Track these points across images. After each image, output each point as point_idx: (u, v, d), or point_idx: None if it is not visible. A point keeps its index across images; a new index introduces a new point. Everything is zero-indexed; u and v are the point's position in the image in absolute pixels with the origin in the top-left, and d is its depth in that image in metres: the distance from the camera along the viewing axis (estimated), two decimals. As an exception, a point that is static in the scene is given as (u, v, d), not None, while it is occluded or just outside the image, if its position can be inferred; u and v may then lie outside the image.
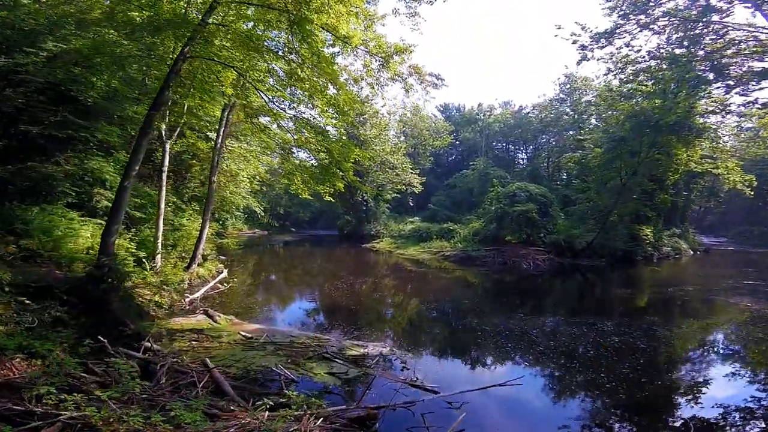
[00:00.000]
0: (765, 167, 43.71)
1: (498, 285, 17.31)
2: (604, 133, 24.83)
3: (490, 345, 8.97)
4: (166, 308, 9.92)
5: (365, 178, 38.04)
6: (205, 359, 6.19)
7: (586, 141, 27.74)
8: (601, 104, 32.28)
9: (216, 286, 13.16)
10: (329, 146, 11.01)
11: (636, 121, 20.43)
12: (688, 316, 11.50)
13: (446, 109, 67.22)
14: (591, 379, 7.04)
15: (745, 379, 7.28)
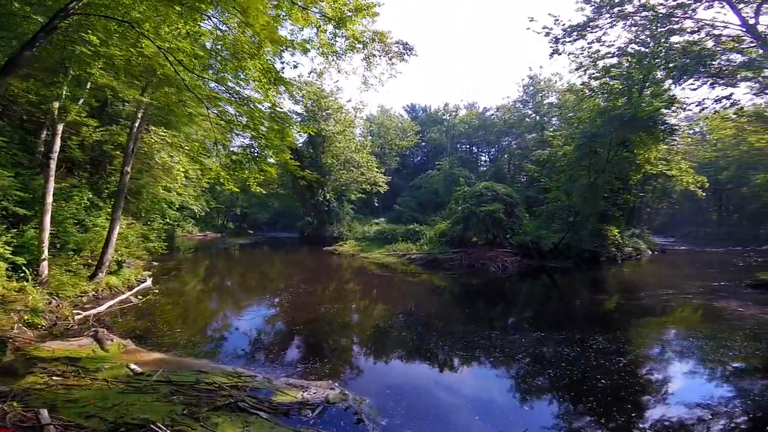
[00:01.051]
0: (709, 170, 45.62)
1: (467, 291, 15.87)
2: (574, 130, 24.21)
3: (471, 379, 7.21)
4: (43, 328, 7.56)
5: (328, 177, 36.01)
6: (41, 410, 4.09)
7: (555, 138, 27.16)
8: (567, 103, 32.20)
9: (129, 299, 10.76)
10: (253, 117, 8.90)
11: (608, 116, 19.83)
12: (686, 325, 10.31)
13: (413, 110, 66.53)
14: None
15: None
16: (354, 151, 38.21)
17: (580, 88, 21.07)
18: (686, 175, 27.91)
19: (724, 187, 52.71)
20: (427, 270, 20.47)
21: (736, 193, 53.46)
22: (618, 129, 19.33)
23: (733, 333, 8.98)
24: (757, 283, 14.39)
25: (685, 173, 27.81)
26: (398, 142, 53.31)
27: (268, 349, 8.30)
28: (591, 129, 21.08)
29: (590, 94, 21.27)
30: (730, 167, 49.14)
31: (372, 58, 9.63)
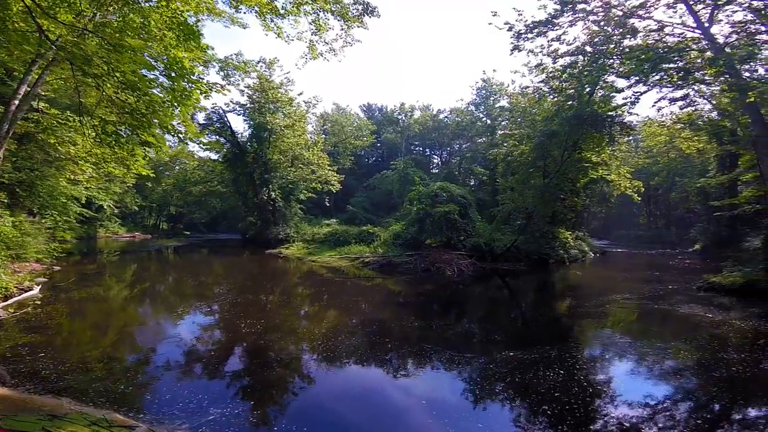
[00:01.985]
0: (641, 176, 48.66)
1: (424, 298, 14.56)
2: (532, 128, 23.95)
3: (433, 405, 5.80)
4: None
5: (274, 174, 33.51)
6: None
7: (512, 138, 26.89)
8: (518, 107, 32.36)
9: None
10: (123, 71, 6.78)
11: (566, 114, 19.60)
12: (661, 337, 9.53)
13: (369, 109, 65.35)
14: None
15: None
16: (304, 148, 36.01)
17: (538, 87, 20.73)
18: (624, 180, 28.86)
19: (654, 192, 56.72)
20: (381, 274, 19.04)
21: (665, 198, 57.73)
22: (574, 127, 19.15)
23: (716, 343, 8.28)
24: (709, 286, 14.44)
25: (623, 178, 28.77)
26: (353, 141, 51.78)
27: (173, 383, 6.23)
28: (550, 127, 20.80)
29: (549, 92, 21.01)
30: (661, 173, 52.72)
31: (322, 17, 7.88)
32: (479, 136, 45.99)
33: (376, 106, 65.72)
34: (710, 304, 11.83)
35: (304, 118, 37.27)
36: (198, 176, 45.97)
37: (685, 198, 49.23)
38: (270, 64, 34.32)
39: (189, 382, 6.26)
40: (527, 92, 33.32)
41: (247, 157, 34.01)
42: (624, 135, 21.01)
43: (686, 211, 52.54)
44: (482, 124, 44.46)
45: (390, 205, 41.42)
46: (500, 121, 41.26)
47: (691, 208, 49.47)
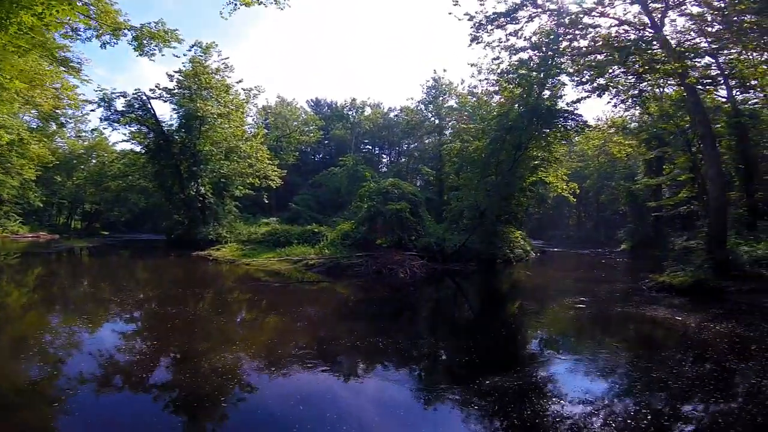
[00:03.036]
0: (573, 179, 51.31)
1: (377, 303, 13.01)
2: (487, 124, 23.34)
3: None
4: None
5: (204, 167, 30.16)
6: None
7: (467, 133, 26.25)
8: (466, 106, 32.15)
9: None
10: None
11: (524, 109, 19.13)
12: (641, 342, 8.79)
13: (317, 105, 62.78)
14: None
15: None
16: (241, 139, 32.95)
17: (497, 80, 20.10)
18: (560, 182, 29.57)
19: (584, 195, 60.33)
20: (328, 277, 17.22)
21: (595, 200, 61.61)
22: (531, 122, 18.74)
23: (713, 352, 7.56)
24: (660, 286, 14.42)
25: (560, 180, 29.49)
26: (298, 136, 49.19)
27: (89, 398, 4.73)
28: (507, 121, 20.24)
29: (505, 87, 20.47)
30: (592, 177, 56.02)
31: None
32: (428, 135, 45.71)
33: (324, 102, 63.35)
34: (672, 306, 11.51)
35: (243, 107, 34.19)
36: (117, 169, 40.80)
37: (613, 200, 52.73)
38: (206, 48, 31.00)
39: (109, 397, 5.30)
40: (476, 92, 33.45)
41: (174, 147, 30.31)
42: (579, 132, 21.13)
43: (613, 213, 56.40)
44: (431, 124, 44.17)
45: (337, 204, 39.47)
46: (448, 120, 41.16)
47: (617, 210, 53.10)
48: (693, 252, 21.47)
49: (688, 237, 29.01)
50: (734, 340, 7.93)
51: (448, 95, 41.55)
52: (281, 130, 48.47)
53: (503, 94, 20.85)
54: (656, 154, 27.56)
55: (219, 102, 31.35)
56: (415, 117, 46.03)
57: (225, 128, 31.56)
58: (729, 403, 5.33)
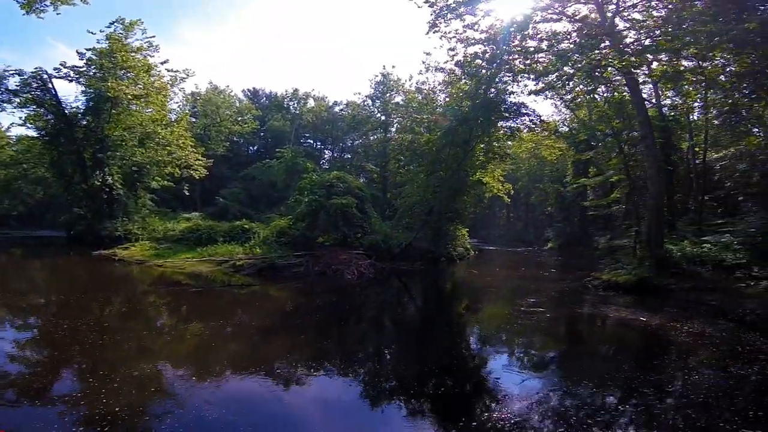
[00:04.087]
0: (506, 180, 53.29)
1: (320, 310, 11.22)
2: (442, 112, 22.33)
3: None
4: None
5: (113, 153, 25.89)
6: None
7: (418, 125, 25.09)
8: (413, 103, 31.43)
9: None
10: None
11: (476, 101, 18.38)
12: (619, 356, 8.15)
13: (255, 95, 58.35)
14: None
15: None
16: (161, 125, 28.91)
17: (452, 69, 19.22)
18: (497, 182, 29.95)
19: (516, 196, 63.16)
20: (261, 281, 15.06)
21: (525, 200, 64.80)
22: (485, 114, 18.09)
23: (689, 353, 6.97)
24: (607, 284, 14.42)
25: (496, 181, 29.87)
26: (230, 126, 45.15)
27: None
28: (462, 113, 19.37)
29: (458, 79, 19.66)
30: (523, 179, 58.70)
31: None
32: (373, 131, 44.49)
33: (263, 92, 59.20)
34: (627, 306, 11.33)
35: (166, 90, 30.09)
36: (8, 156, 34.20)
37: (542, 201, 55.71)
38: (129, 26, 27.07)
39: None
40: (424, 89, 32.87)
41: (77, 132, 25.74)
42: (531, 129, 21.00)
43: (541, 214, 59.75)
44: (377, 120, 43.00)
45: (273, 199, 36.55)
46: (394, 117, 40.35)
47: (545, 210, 56.26)
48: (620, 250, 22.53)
49: (611, 236, 31.05)
50: (714, 342, 7.60)
51: (396, 92, 40.65)
52: (211, 118, 44.18)
53: (454, 88, 20.17)
54: (591, 155, 28.81)
55: (137, 83, 27.33)
56: (361, 112, 44.57)
57: (141, 112, 27.56)
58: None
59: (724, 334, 8.17)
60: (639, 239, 19.31)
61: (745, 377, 6.04)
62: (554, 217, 49.84)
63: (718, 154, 22.31)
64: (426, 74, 34.50)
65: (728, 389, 5.49)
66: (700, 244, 16.25)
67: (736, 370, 6.24)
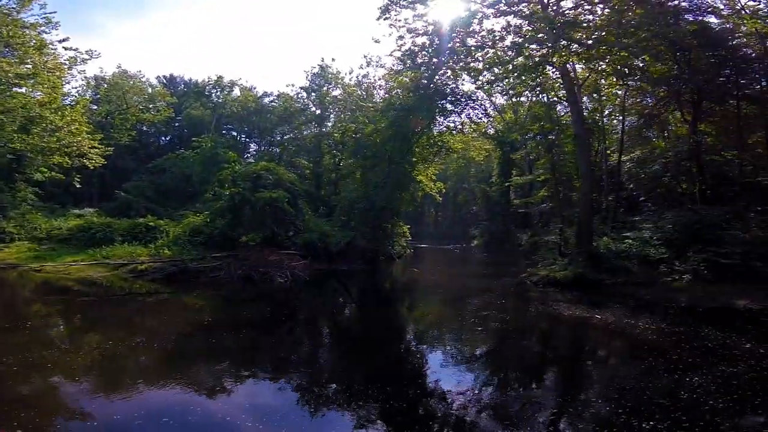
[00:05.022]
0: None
1: (248, 326, 9.26)
2: (389, 101, 21.06)
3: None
4: None
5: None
6: None
7: (361, 117, 23.52)
8: (352, 97, 30.17)
9: None
10: None
11: (421, 93, 17.40)
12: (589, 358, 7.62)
13: (171, 82, 52.22)
14: None
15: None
16: (50, 109, 24.11)
17: (399, 59, 18.12)
18: (430, 181, 29.97)
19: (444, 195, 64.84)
20: (171, 287, 12.60)
21: (453, 200, 66.86)
22: (428, 109, 17.27)
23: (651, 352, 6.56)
24: (546, 280, 14.44)
25: (429, 179, 29.88)
26: (139, 114, 39.73)
27: None
28: (407, 104, 18.26)
29: (407, 68, 18.60)
30: (452, 178, 60.37)
31: None
32: (307, 125, 42.06)
33: (181, 79, 53.36)
34: (574, 303, 11.20)
35: (61, 71, 25.28)
36: None
37: (469, 200, 57.81)
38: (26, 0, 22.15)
39: None
40: (366, 82, 31.70)
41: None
42: (477, 123, 20.68)
43: (467, 212, 62.12)
44: (311, 113, 40.67)
45: (187, 194, 32.41)
46: (331, 111, 38.51)
47: (470, 209, 58.51)
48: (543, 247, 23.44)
49: (532, 233, 32.72)
50: (681, 339, 7.45)
51: (334, 85, 38.74)
52: (115, 105, 38.53)
53: (397, 81, 19.29)
54: (522, 155, 29.89)
55: (25, 62, 22.47)
56: (294, 104, 41.88)
57: (28, 94, 22.75)
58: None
59: (681, 328, 8.16)
60: (564, 236, 20.13)
61: (732, 376, 5.70)
62: (480, 216, 51.73)
63: (626, 157, 24.25)
64: (367, 68, 33.57)
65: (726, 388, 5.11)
66: (621, 240, 17.13)
67: (723, 369, 5.94)
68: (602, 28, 12.88)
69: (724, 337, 7.39)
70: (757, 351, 6.65)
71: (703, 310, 9.64)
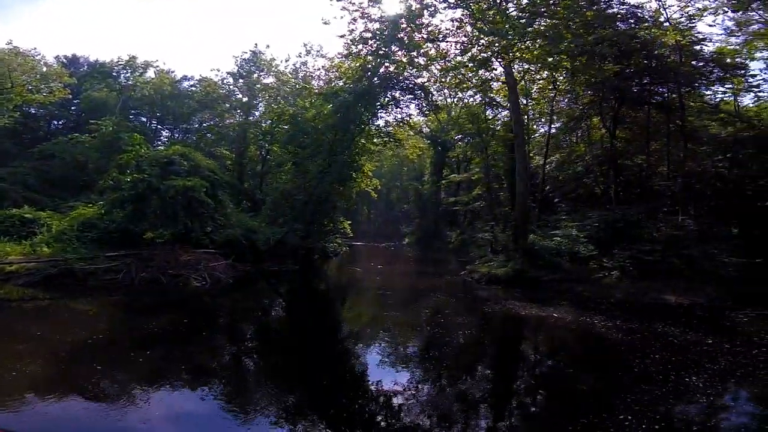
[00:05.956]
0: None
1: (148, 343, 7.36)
2: (333, 87, 19.29)
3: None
4: None
5: None
6: None
7: (303, 99, 21.42)
8: (287, 86, 28.17)
9: None
10: None
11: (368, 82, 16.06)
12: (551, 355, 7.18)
13: (73, 62, 44.83)
14: None
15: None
16: None
17: (350, 42, 16.65)
18: (367, 177, 29.22)
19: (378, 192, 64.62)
20: (54, 292, 10.00)
21: (386, 197, 66.90)
22: (382, 90, 16.08)
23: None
24: (489, 278, 14.26)
25: (366, 176, 29.11)
26: (26, 94, 33.44)
27: None
28: (361, 86, 16.72)
29: (354, 54, 17.12)
30: (386, 176, 60.32)
31: None
32: (231, 112, 38.53)
33: (85, 60, 46.17)
34: (522, 300, 11.01)
35: None
36: None
37: (401, 198, 58.23)
38: None
39: None
40: (305, 69, 29.62)
41: None
42: (425, 114, 19.88)
43: (398, 210, 62.62)
44: (237, 101, 37.31)
45: (80, 184, 27.56)
46: (260, 99, 35.71)
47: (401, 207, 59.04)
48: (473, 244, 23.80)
49: (461, 231, 33.52)
50: (645, 336, 7.38)
51: (267, 72, 35.84)
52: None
53: (342, 70, 17.99)
54: (459, 153, 30.19)
55: None
56: (218, 90, 38.11)
57: None
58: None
59: (636, 325, 8.15)
60: (494, 233, 20.48)
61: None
62: (412, 214, 52.26)
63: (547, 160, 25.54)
64: (306, 57, 31.55)
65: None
66: (550, 238, 17.69)
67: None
68: (548, 30, 12.88)
69: (681, 334, 7.45)
70: (722, 346, 6.74)
71: (641, 306, 9.89)
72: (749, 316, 8.53)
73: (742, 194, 16.67)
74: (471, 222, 35.27)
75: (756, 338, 7.15)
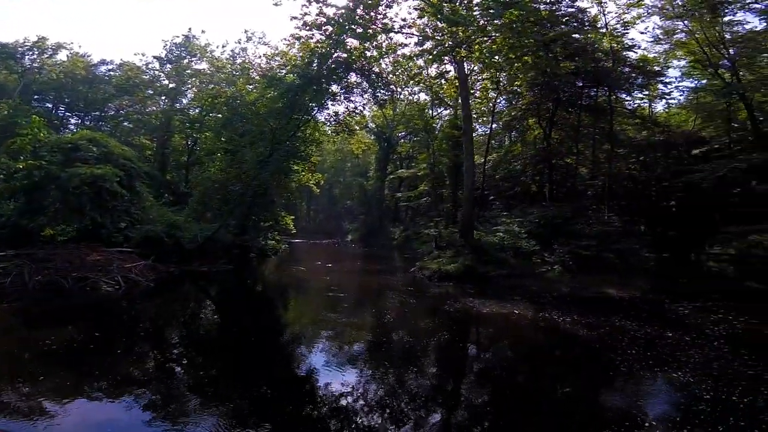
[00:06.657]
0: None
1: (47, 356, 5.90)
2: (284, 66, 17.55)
3: None
4: None
5: None
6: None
7: (241, 84, 19.36)
8: (222, 72, 25.93)
9: None
10: None
11: (326, 60, 14.79)
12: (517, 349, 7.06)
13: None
14: None
15: None
16: None
17: (304, 25, 15.16)
18: (308, 172, 28.10)
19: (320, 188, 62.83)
20: None
21: (329, 194, 65.33)
22: (335, 75, 14.96)
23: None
24: (440, 274, 13.98)
25: (308, 170, 27.97)
26: None
27: None
28: (308, 72, 15.27)
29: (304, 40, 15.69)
30: (329, 171, 58.79)
31: None
32: (154, 99, 34.78)
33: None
34: (476, 296, 10.84)
35: None
36: None
37: (345, 194, 57.13)
38: None
39: None
40: (242, 56, 27.29)
41: None
42: (382, 105, 19.01)
43: (341, 206, 61.54)
44: (162, 87, 33.69)
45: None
46: (190, 86, 32.58)
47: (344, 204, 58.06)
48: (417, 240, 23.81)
49: (403, 228, 33.56)
50: (608, 330, 7.46)
51: (200, 58, 32.68)
52: None
53: (286, 58, 16.67)
54: (409, 149, 29.93)
55: None
56: (141, 75, 34.16)
57: None
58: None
59: (593, 320, 8.19)
60: (439, 230, 20.55)
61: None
62: (355, 211, 51.53)
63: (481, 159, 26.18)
64: (246, 44, 29.20)
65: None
66: (494, 234, 17.99)
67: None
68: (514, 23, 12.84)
69: (640, 328, 7.59)
70: (684, 339, 6.94)
71: (588, 300, 10.13)
72: (688, 308, 8.99)
73: (648, 195, 18.17)
74: (413, 218, 35.49)
75: (708, 331, 7.45)
